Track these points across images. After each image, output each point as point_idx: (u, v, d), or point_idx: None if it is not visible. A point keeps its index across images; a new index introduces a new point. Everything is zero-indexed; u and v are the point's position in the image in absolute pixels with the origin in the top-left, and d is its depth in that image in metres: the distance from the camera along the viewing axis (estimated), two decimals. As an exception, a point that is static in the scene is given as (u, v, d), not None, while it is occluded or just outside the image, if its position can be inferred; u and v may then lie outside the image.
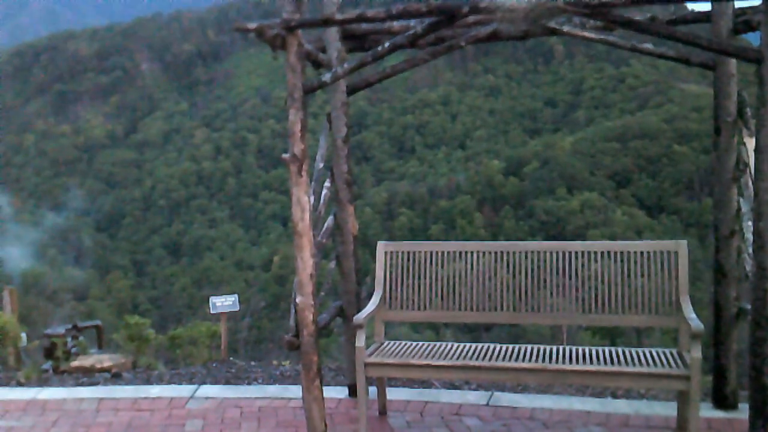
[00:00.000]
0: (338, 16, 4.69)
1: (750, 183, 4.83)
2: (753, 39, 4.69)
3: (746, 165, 4.96)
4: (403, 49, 4.98)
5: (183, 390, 6.31)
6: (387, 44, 4.71)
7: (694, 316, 4.53)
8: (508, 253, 5.28)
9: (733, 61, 5.13)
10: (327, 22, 4.83)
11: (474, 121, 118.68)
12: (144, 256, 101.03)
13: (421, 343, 5.23)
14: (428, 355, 4.92)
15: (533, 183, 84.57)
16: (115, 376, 7.11)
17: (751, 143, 4.93)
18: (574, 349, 4.93)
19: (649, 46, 4.72)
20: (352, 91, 5.77)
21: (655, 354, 4.72)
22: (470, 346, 5.06)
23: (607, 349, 4.89)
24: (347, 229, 5.74)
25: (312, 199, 4.99)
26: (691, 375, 4.24)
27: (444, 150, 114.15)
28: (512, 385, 6.11)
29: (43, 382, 6.90)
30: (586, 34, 4.66)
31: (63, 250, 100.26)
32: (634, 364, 4.52)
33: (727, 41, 4.87)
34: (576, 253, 5.09)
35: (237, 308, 8.33)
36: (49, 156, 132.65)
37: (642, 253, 4.97)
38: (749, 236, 4.76)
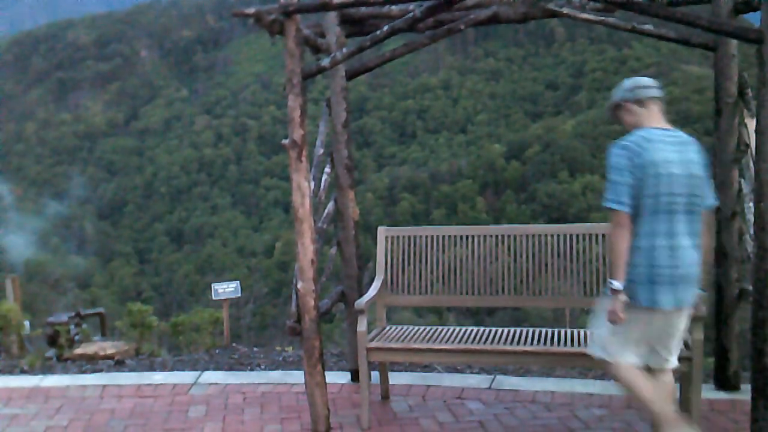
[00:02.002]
0: (336, 1, 4.66)
1: (751, 164, 4.82)
2: (754, 19, 4.66)
3: (747, 146, 4.95)
4: (403, 33, 4.95)
5: (186, 376, 6.33)
6: (386, 28, 4.68)
7: (696, 297, 4.52)
8: (509, 236, 5.28)
9: (734, 41, 5.10)
10: (325, 7, 4.80)
11: (475, 105, 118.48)
12: (146, 243, 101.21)
13: (423, 328, 5.23)
14: (430, 339, 4.92)
15: (535, 166, 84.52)
16: (119, 363, 7.13)
17: (752, 124, 4.90)
18: (576, 331, 4.92)
19: (649, 27, 4.70)
20: (351, 76, 5.75)
21: (657, 336, 4.72)
22: (472, 330, 5.06)
23: (609, 332, 4.88)
24: (348, 215, 5.74)
25: (312, 184, 4.98)
26: (693, 357, 4.23)
27: (445, 134, 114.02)
28: (515, 369, 6.13)
29: (46, 370, 6.92)
30: (586, 16, 4.64)
31: (65, 238, 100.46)
32: (635, 347, 4.52)
33: (727, 22, 4.84)
34: (578, 236, 5.08)
35: (239, 294, 8.36)
36: (50, 144, 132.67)
37: (643, 235, 4.95)
38: (750, 217, 4.75)
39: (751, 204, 4.74)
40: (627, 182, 3.68)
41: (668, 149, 3.74)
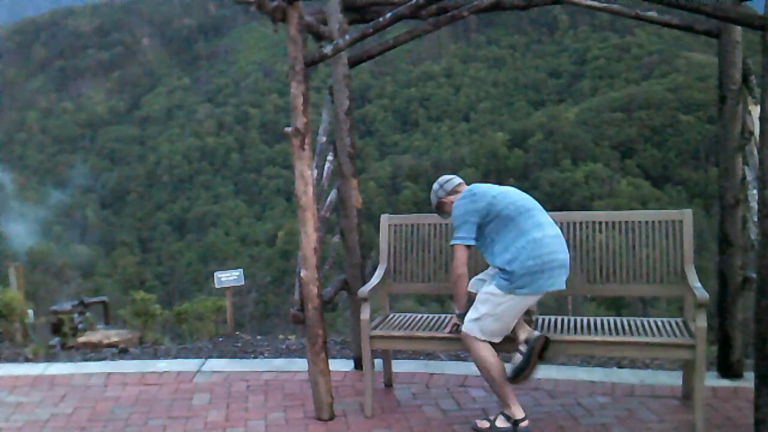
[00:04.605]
0: (339, -12, 4.64)
1: (755, 151, 4.80)
2: (758, 5, 4.63)
3: (751, 133, 4.93)
4: (405, 20, 4.93)
5: (190, 364, 6.34)
6: (389, 15, 4.66)
7: (699, 285, 4.51)
8: (512, 224, 5.25)
9: (738, 28, 5.07)
10: (328, -6, 4.78)
11: (478, 93, 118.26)
12: (149, 232, 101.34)
13: (426, 316, 5.23)
14: (433, 327, 4.93)
15: (538, 155, 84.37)
16: (123, 352, 7.14)
17: (756, 111, 4.88)
18: (579, 319, 4.93)
19: (653, 14, 4.67)
20: (354, 63, 5.72)
21: (660, 323, 4.72)
22: (475, 318, 5.06)
23: (612, 319, 4.88)
24: (351, 203, 5.73)
25: (315, 173, 4.97)
26: (697, 344, 4.23)
27: (448, 123, 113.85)
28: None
29: (50, 358, 6.93)
30: (590, 2, 4.61)
31: (68, 226, 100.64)
32: (639, 334, 4.52)
33: (731, 8, 4.81)
34: (580, 223, 5.07)
35: (242, 282, 8.34)
36: (52, 133, 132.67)
37: (647, 222, 4.94)
38: (754, 205, 4.74)
39: (755, 191, 4.73)
40: (474, 221, 4.49)
41: (490, 185, 4.73)
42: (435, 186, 4.85)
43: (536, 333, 4.45)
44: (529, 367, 4.38)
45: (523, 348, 4.42)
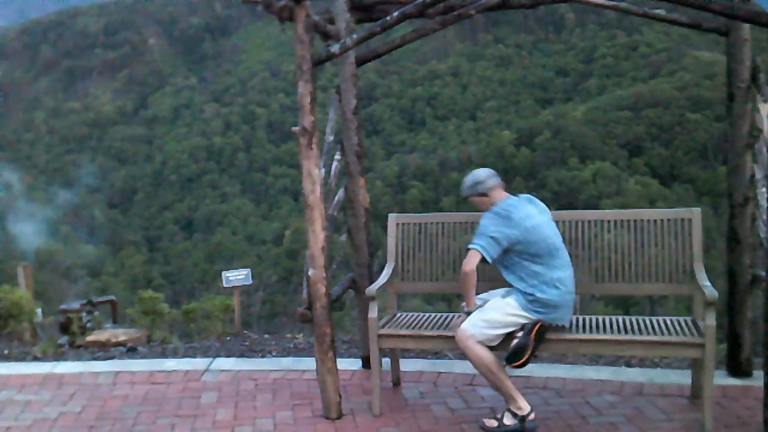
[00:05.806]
0: (346, -13, 4.64)
1: (764, 149, 4.79)
2: (766, 3, 4.61)
3: (760, 131, 4.91)
4: (412, 19, 4.93)
5: (198, 363, 6.35)
6: (396, 14, 4.66)
7: (708, 283, 4.50)
8: (519, 223, 5.25)
9: (746, 26, 5.05)
10: (335, -7, 4.78)
11: (484, 91, 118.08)
12: (156, 231, 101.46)
13: (433, 314, 5.23)
14: (441, 325, 4.92)
15: (545, 153, 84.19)
16: (131, 350, 7.16)
17: (764, 109, 4.87)
18: (587, 318, 4.92)
19: (661, 12, 4.66)
20: (360, 62, 5.72)
21: (669, 322, 4.70)
22: (483, 317, 5.05)
23: (620, 318, 4.87)
24: (358, 202, 5.72)
25: (322, 172, 4.97)
26: (706, 343, 4.22)
27: (454, 121, 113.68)
28: (525, 355, 6.11)
29: (59, 357, 6.95)
30: (597, 0, 4.60)
31: (75, 226, 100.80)
32: (648, 333, 4.50)
33: (739, 5, 4.79)
34: (589, 222, 5.05)
35: (250, 282, 8.37)
36: (59, 133, 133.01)
37: (655, 221, 4.93)
38: (763, 203, 4.72)
39: (764, 189, 4.72)
40: (503, 245, 4.52)
41: (527, 207, 4.63)
42: (468, 181, 4.82)
43: (533, 319, 4.52)
44: (525, 348, 4.41)
45: (519, 333, 4.48)
